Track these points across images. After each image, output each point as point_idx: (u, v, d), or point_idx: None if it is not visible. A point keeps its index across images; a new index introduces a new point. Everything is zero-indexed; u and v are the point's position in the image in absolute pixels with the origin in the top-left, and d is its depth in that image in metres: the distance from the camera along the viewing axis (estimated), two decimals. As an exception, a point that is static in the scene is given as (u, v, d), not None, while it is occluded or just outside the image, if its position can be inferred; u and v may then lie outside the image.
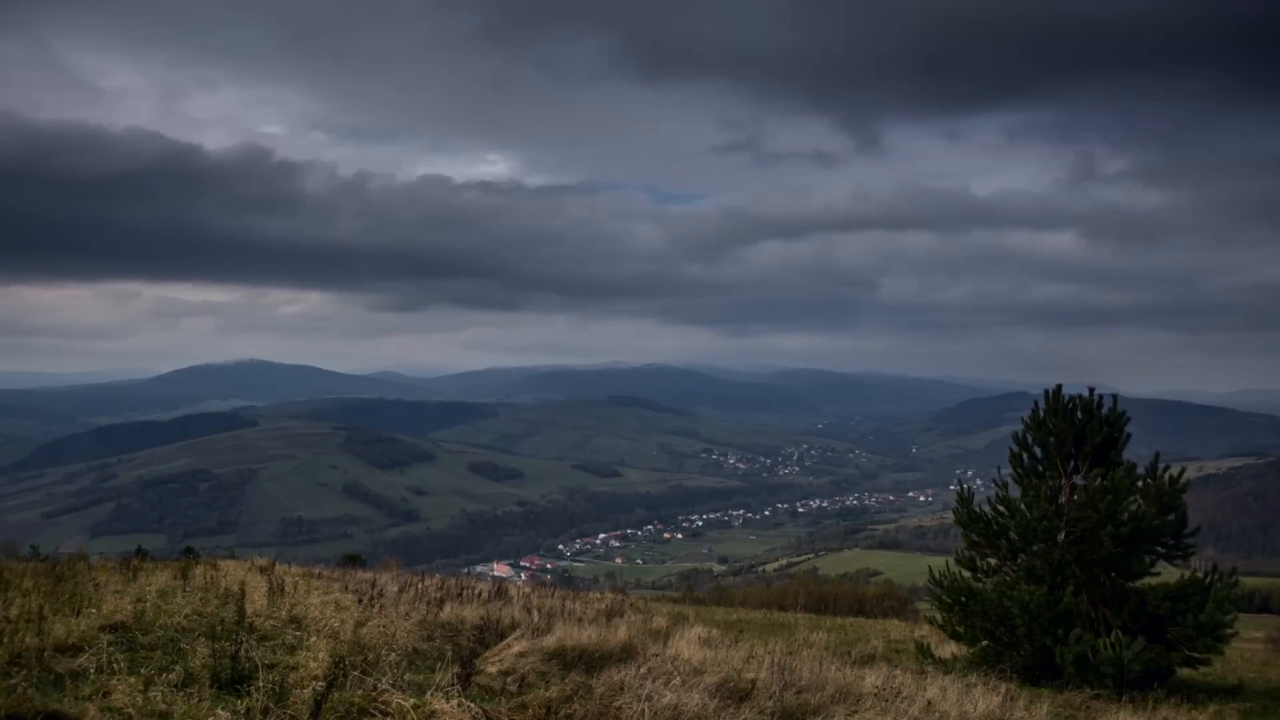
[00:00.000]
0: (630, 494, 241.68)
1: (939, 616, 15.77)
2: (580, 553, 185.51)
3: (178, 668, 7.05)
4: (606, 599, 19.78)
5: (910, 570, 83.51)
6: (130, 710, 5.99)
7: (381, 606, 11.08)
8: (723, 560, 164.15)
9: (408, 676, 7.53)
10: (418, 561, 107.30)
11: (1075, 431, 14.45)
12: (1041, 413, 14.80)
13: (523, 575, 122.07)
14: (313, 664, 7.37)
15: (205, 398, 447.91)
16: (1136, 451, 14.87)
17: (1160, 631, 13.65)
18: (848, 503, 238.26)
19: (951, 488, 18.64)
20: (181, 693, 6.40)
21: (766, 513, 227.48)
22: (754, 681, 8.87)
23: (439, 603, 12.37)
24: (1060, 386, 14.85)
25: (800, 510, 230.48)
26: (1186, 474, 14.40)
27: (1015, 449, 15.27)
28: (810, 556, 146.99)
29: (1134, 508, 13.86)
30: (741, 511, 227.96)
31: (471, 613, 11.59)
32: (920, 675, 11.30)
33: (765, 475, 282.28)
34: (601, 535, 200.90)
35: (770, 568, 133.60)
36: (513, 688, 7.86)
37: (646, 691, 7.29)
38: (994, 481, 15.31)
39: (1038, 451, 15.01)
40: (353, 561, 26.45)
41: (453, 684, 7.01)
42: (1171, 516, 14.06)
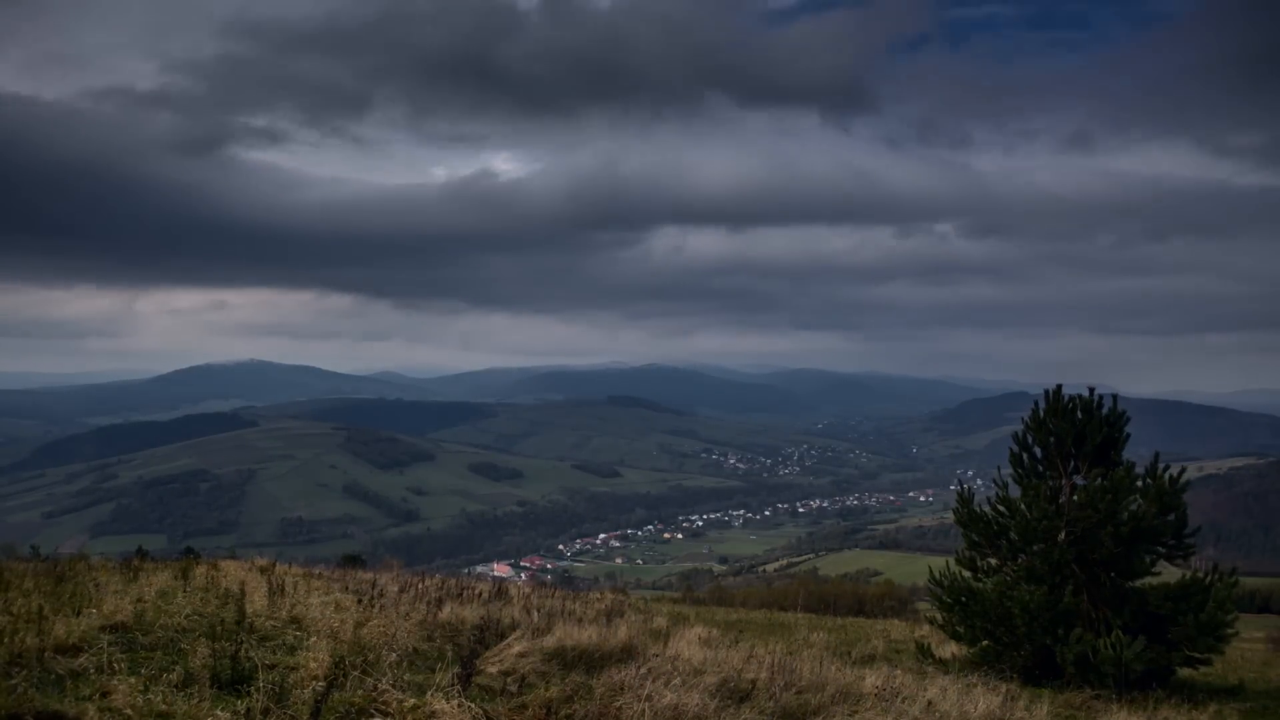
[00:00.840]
0: (630, 494, 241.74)
1: (939, 616, 15.77)
2: (580, 553, 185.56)
3: (178, 668, 7.04)
4: (606, 599, 19.78)
5: (910, 570, 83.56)
6: (130, 710, 5.98)
7: (381, 607, 11.07)
8: (723, 560, 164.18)
9: (408, 676, 7.52)
10: (418, 562, 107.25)
11: (1075, 431, 14.46)
12: (1042, 413, 14.81)
13: (523, 575, 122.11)
14: (313, 664, 7.36)
15: (205, 398, 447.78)
16: (1136, 451, 14.88)
17: (1161, 631, 13.65)
18: (848, 503, 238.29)
19: (952, 488, 18.66)
20: (181, 693, 6.40)
21: (766, 513, 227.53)
22: (754, 682, 8.86)
23: (439, 603, 12.35)
24: (1060, 386, 14.85)
25: (800, 510, 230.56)
26: (1186, 474, 14.40)
27: (1015, 449, 15.27)
28: (810, 556, 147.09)
29: (1134, 508, 13.87)
30: (741, 511, 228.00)
31: (471, 613, 11.57)
32: (920, 675, 11.31)
33: (765, 475, 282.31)
34: (601, 535, 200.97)
35: (770, 568, 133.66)
36: (513, 688, 7.86)
37: (647, 692, 7.28)
38: (994, 481, 15.33)
39: (1038, 451, 15.02)
40: (353, 562, 26.48)
41: (453, 684, 7.01)
42: (1171, 516, 14.06)
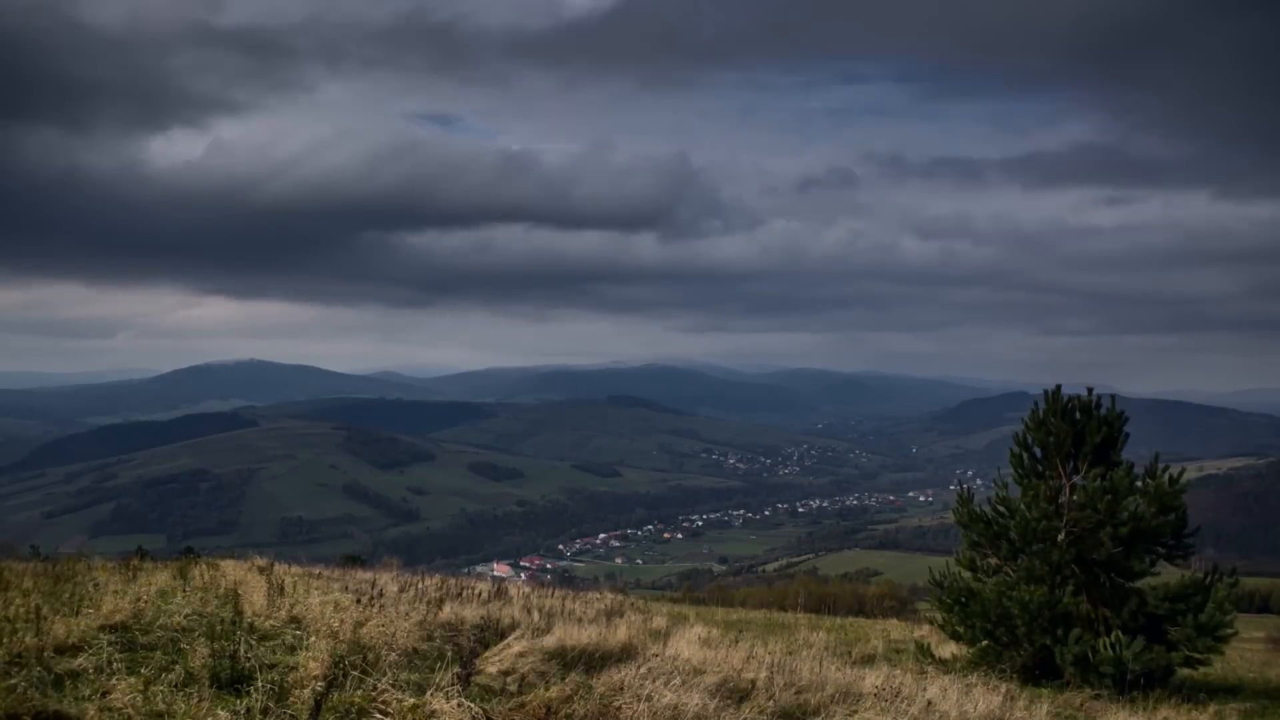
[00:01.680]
0: (630, 494, 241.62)
1: (939, 616, 15.78)
2: (580, 553, 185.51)
3: (178, 668, 7.03)
4: (606, 599, 19.77)
5: (910, 570, 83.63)
6: (130, 710, 5.98)
7: (381, 606, 11.06)
8: (723, 560, 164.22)
9: (408, 676, 7.52)
10: (418, 561, 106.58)
11: (1074, 431, 14.48)
12: (1041, 413, 14.82)
13: (523, 575, 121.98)
14: (312, 664, 7.36)
15: (205, 398, 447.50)
16: (1137, 451, 14.88)
17: (1160, 632, 13.65)
18: (848, 503, 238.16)
19: (952, 488, 18.67)
20: (181, 693, 6.39)
21: (766, 513, 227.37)
22: (754, 681, 8.87)
23: (439, 603, 12.35)
24: (1059, 387, 14.87)
25: (800, 510, 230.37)
26: (1186, 474, 14.42)
27: (1015, 449, 15.28)
28: (810, 556, 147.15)
29: (1133, 507, 13.87)
30: (741, 511, 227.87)
31: (471, 613, 11.57)
32: (920, 675, 11.30)
33: (765, 475, 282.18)
34: (601, 535, 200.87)
35: (770, 568, 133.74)
36: (513, 688, 7.87)
37: (646, 691, 7.28)
38: (994, 482, 15.34)
39: (1038, 452, 15.02)
40: (353, 561, 26.47)
41: (453, 684, 7.01)
42: (1171, 516, 14.06)
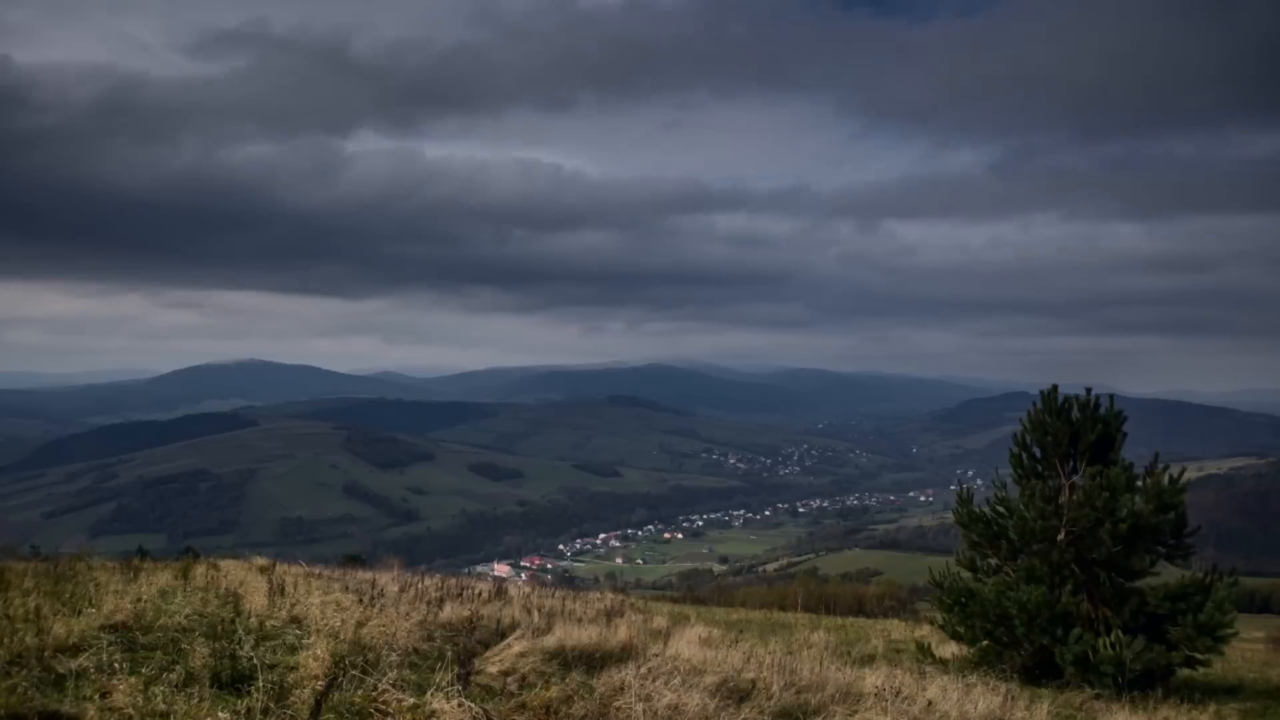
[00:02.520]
0: (630, 494, 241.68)
1: (939, 616, 15.78)
2: (580, 553, 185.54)
3: (178, 668, 7.03)
4: (606, 599, 19.77)
5: (910, 570, 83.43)
6: (130, 710, 5.98)
7: (382, 606, 11.06)
8: (723, 560, 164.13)
9: (408, 676, 7.53)
10: (418, 561, 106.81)
11: (1071, 431, 14.49)
12: (1038, 413, 14.83)
13: (523, 575, 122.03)
14: (313, 664, 7.36)
15: (205, 398, 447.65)
16: (1136, 451, 14.89)
17: (1160, 631, 13.65)
18: (848, 503, 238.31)
19: (952, 488, 18.65)
20: (181, 693, 6.39)
21: (766, 513, 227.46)
22: (754, 681, 8.87)
23: (439, 603, 12.36)
24: (1055, 387, 14.89)
25: (800, 510, 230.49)
26: (1186, 474, 14.41)
27: (1014, 449, 15.28)
28: (810, 556, 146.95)
29: (1132, 505, 13.87)
30: (741, 511, 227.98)
31: (472, 612, 11.58)
32: (920, 675, 11.30)
33: (765, 475, 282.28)
34: (601, 535, 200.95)
35: (770, 568, 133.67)
36: (513, 688, 7.87)
37: (647, 691, 7.29)
38: (994, 482, 15.34)
39: (1037, 452, 15.03)
40: (353, 561, 26.48)
41: (453, 684, 7.01)
42: (1171, 514, 14.05)
